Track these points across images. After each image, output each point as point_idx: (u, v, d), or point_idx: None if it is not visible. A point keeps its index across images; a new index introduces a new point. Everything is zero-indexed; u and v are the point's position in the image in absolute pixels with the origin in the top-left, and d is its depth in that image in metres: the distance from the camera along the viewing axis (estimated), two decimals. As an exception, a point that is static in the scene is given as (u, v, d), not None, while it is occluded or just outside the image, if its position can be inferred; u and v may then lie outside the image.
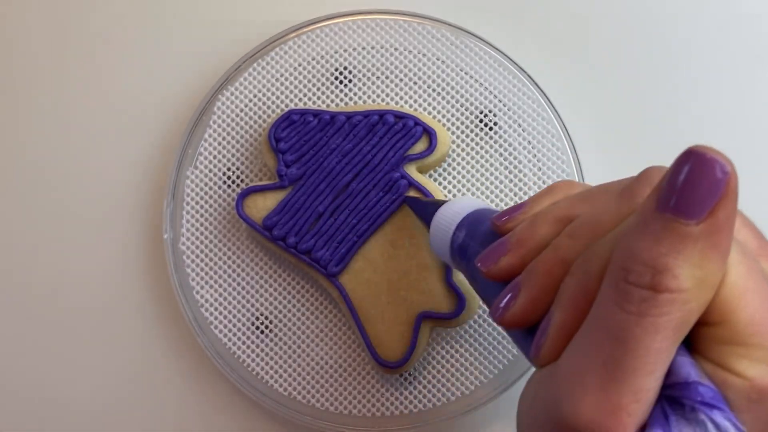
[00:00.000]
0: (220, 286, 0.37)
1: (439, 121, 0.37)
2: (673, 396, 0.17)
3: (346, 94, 0.37)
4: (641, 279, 0.17)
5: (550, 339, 0.19)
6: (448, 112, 0.37)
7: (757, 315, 0.17)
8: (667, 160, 0.42)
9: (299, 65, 0.38)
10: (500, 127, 0.37)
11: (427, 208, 0.31)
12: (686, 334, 0.17)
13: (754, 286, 0.17)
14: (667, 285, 0.16)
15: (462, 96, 0.37)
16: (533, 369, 0.21)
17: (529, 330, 0.21)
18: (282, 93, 0.38)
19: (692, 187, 0.16)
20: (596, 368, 0.17)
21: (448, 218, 0.28)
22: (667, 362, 0.17)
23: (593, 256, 0.19)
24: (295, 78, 0.37)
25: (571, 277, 0.19)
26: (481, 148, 0.37)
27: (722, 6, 0.39)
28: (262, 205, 0.36)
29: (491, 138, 0.37)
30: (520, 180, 0.37)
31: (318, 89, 0.37)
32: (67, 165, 0.40)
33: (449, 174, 0.37)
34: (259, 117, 0.37)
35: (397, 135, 0.35)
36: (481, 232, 0.25)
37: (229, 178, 0.37)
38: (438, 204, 0.29)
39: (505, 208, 0.25)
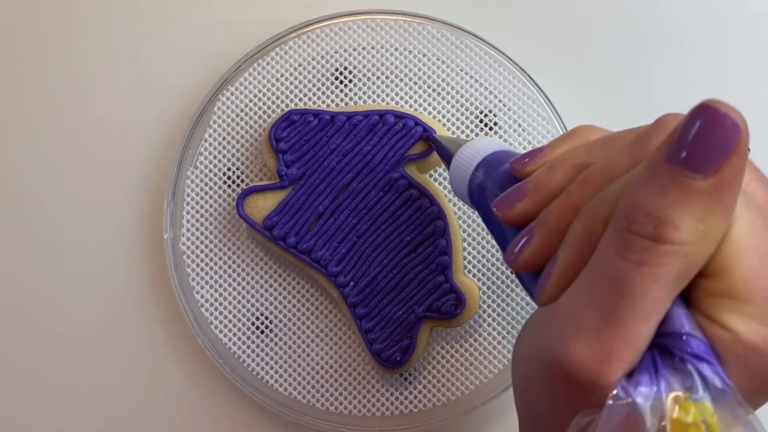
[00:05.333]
0: (220, 286, 0.37)
1: (439, 121, 0.37)
2: (665, 345, 0.17)
3: (346, 94, 0.37)
4: (643, 229, 0.17)
5: (553, 279, 0.20)
6: (448, 112, 0.37)
7: (753, 271, 0.17)
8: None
9: (299, 65, 0.38)
10: (500, 127, 0.37)
11: (449, 146, 0.30)
12: (684, 285, 0.17)
13: (755, 242, 0.17)
14: (668, 236, 0.16)
15: (462, 96, 0.37)
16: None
17: (538, 273, 0.21)
18: (282, 93, 0.38)
19: (703, 141, 0.16)
20: (592, 312, 0.17)
21: (467, 158, 0.27)
22: (663, 312, 0.17)
23: (601, 201, 0.19)
24: (295, 78, 0.37)
25: (578, 220, 0.19)
26: (481, 148, 0.37)
27: (724, 6, 0.39)
28: (263, 205, 0.36)
29: (491, 138, 0.37)
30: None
31: (318, 89, 0.37)
32: (68, 165, 0.40)
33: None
34: (260, 117, 0.37)
35: (397, 135, 0.35)
36: (499, 174, 0.25)
37: (229, 178, 0.37)
38: (460, 143, 0.29)
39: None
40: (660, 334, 0.17)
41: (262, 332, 0.37)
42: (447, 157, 0.30)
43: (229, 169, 0.37)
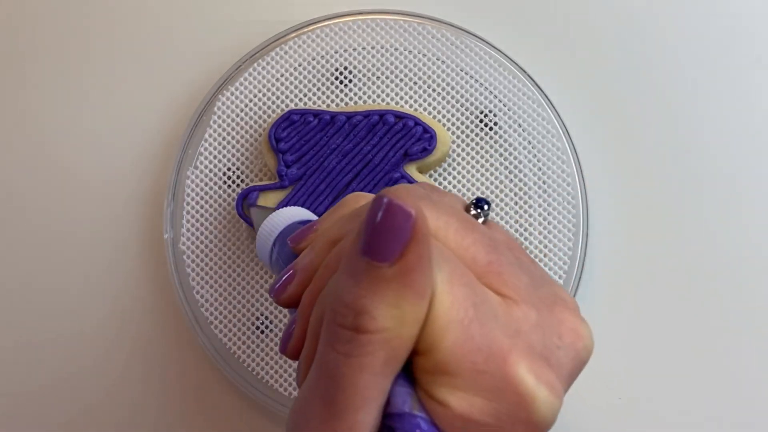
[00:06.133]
0: (220, 286, 0.37)
1: (439, 121, 0.37)
2: (391, 426, 0.18)
3: (346, 94, 0.37)
4: (345, 320, 0.17)
5: (300, 369, 0.20)
6: (448, 112, 0.37)
7: (459, 343, 0.17)
8: (667, 160, 0.42)
9: (299, 65, 0.38)
10: (500, 127, 0.37)
11: (258, 217, 0.30)
12: (398, 367, 0.18)
13: (458, 315, 0.17)
14: (366, 326, 0.17)
15: (462, 96, 0.37)
16: None
17: None
18: (282, 93, 0.38)
19: (381, 232, 0.16)
20: (317, 403, 0.18)
21: (267, 232, 0.27)
22: (381, 396, 0.17)
23: (327, 291, 0.19)
24: (295, 78, 0.37)
25: (314, 311, 0.20)
26: (481, 148, 0.37)
27: (724, 6, 0.39)
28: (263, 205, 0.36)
29: (491, 138, 0.37)
30: (520, 180, 0.37)
31: (318, 89, 0.37)
32: (68, 165, 0.40)
33: (449, 174, 0.37)
34: (259, 117, 0.37)
35: (397, 135, 0.35)
36: (286, 252, 0.25)
37: (229, 178, 0.37)
38: (266, 214, 0.29)
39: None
40: (387, 415, 0.18)
41: (262, 332, 0.37)
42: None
43: (229, 169, 0.37)
